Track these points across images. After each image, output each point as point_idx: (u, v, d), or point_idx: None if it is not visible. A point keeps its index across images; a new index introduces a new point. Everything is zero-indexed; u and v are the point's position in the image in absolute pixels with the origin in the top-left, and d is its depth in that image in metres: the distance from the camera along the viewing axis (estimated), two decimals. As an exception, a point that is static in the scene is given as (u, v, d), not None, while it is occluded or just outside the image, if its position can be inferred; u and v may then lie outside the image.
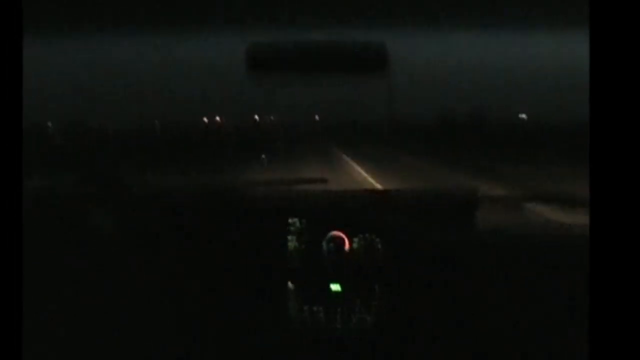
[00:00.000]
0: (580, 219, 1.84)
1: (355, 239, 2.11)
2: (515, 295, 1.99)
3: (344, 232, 2.11)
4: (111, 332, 1.98)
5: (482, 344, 1.99)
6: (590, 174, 1.17)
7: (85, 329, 1.97)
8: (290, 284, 2.09)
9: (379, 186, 13.06)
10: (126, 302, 2.01)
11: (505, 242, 2.13)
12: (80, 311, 1.98)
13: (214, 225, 2.16)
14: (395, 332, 2.04)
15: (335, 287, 2.08)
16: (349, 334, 2.05)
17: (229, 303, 2.05)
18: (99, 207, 2.16)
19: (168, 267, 2.06)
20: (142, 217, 2.18)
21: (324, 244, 2.10)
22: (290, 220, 2.15)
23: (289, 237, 2.14)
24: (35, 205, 2.17)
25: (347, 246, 2.10)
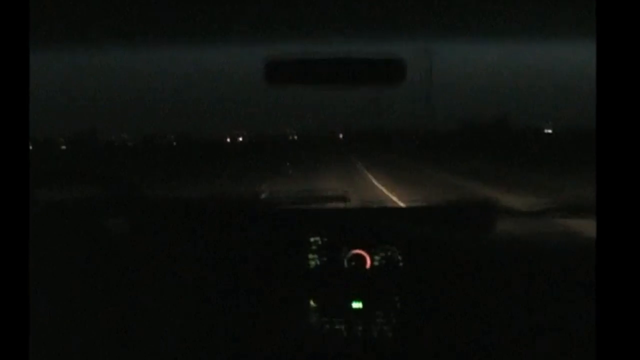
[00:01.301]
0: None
1: (376, 257, 2.08)
2: (539, 309, 1.96)
3: (364, 250, 2.09)
4: (127, 340, 1.99)
5: (505, 358, 1.97)
6: (597, 183, 1.15)
7: (101, 335, 1.98)
8: (311, 302, 2.07)
9: (400, 203, 13.05)
10: (143, 314, 2.02)
11: (529, 255, 2.09)
12: (97, 317, 1.99)
13: (234, 242, 2.15)
14: (417, 349, 2.02)
15: (356, 304, 2.06)
16: (370, 351, 2.03)
17: (249, 320, 2.04)
18: (118, 215, 2.18)
19: (185, 281, 2.06)
20: (159, 230, 2.19)
21: (345, 261, 2.08)
22: (311, 238, 2.13)
23: (310, 255, 2.11)
24: (54, 213, 2.19)
25: (368, 263, 2.08)
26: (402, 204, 12.32)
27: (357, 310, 2.04)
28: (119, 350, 1.99)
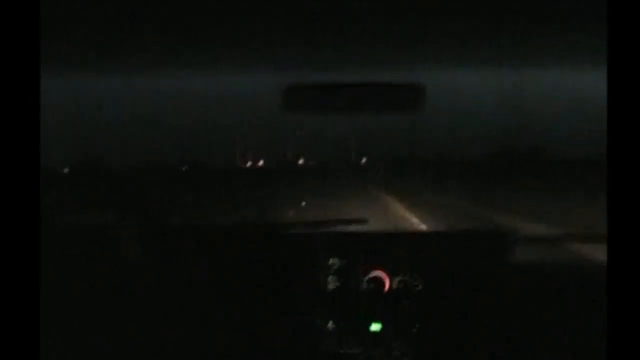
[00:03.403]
0: None
1: (395, 279, 2.08)
2: (558, 335, 1.93)
3: (384, 272, 2.08)
4: None
5: None
6: (609, 209, 1.15)
7: (111, 357, 1.99)
8: (330, 324, 2.06)
9: (421, 226, 12.97)
10: (152, 334, 2.02)
11: (546, 281, 2.08)
12: (110, 343, 2.00)
13: (253, 263, 2.15)
14: None
15: (375, 327, 2.05)
16: None
17: (268, 342, 2.04)
18: (133, 239, 2.19)
19: (201, 306, 2.06)
20: (177, 254, 2.20)
21: (364, 284, 2.08)
22: (330, 261, 2.12)
23: (329, 278, 2.11)
24: (70, 237, 2.21)
25: (387, 286, 2.07)
26: (422, 228, 12.28)
27: (375, 333, 2.03)
28: None
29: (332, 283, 2.12)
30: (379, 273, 2.09)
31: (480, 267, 2.15)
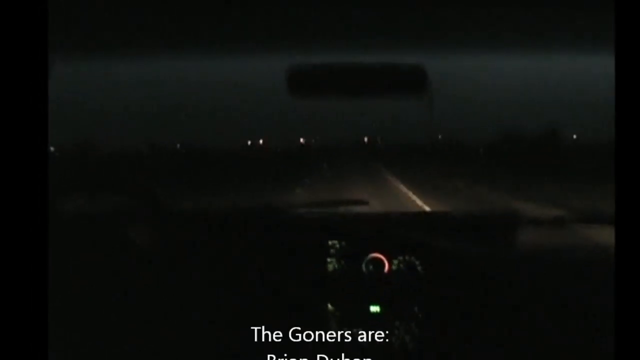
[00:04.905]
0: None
1: (395, 261, 2.09)
2: (558, 317, 1.94)
3: (383, 254, 2.10)
4: (146, 348, 2.00)
5: None
6: (617, 193, 1.16)
7: (121, 345, 2.00)
8: (329, 306, 2.08)
9: (426, 208, 13.00)
10: (161, 320, 2.04)
11: (548, 263, 2.08)
12: (117, 328, 2.01)
13: (254, 245, 2.16)
14: (435, 355, 2.01)
15: (374, 308, 2.07)
16: (388, 356, 2.03)
17: (267, 324, 2.05)
18: (139, 225, 2.20)
19: (205, 285, 2.08)
20: (180, 235, 2.20)
21: (364, 265, 2.09)
22: (330, 242, 2.14)
23: (329, 259, 2.13)
24: (75, 223, 2.22)
25: (386, 268, 2.08)
26: (425, 209, 12.30)
27: (376, 314, 2.05)
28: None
29: (331, 264, 2.12)
30: (378, 254, 2.10)
31: (481, 248, 2.15)
